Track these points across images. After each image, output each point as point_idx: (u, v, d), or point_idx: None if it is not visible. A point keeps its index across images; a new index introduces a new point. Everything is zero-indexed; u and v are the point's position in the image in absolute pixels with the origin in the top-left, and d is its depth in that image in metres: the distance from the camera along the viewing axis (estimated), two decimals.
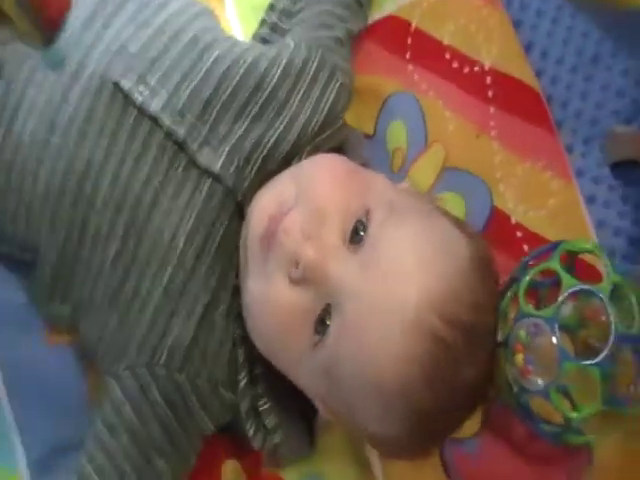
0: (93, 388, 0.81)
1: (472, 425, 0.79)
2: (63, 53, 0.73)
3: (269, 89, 0.75)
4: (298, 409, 0.80)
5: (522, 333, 0.74)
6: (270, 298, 0.71)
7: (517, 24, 0.87)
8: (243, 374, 0.76)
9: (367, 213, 0.71)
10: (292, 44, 0.79)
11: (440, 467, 0.81)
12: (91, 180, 0.73)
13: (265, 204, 0.73)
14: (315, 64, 0.78)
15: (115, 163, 0.72)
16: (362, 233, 0.70)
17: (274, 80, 0.76)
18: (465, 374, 0.70)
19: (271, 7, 0.87)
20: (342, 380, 0.69)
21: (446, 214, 0.77)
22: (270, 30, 0.86)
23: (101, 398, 0.77)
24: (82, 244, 0.74)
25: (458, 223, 0.76)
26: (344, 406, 0.72)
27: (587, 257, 0.79)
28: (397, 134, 0.86)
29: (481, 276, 0.72)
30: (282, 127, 0.75)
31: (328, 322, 0.69)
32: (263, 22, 0.86)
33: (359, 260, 0.69)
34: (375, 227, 0.70)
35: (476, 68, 0.87)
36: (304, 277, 0.69)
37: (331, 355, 0.69)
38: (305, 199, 0.72)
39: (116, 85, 0.73)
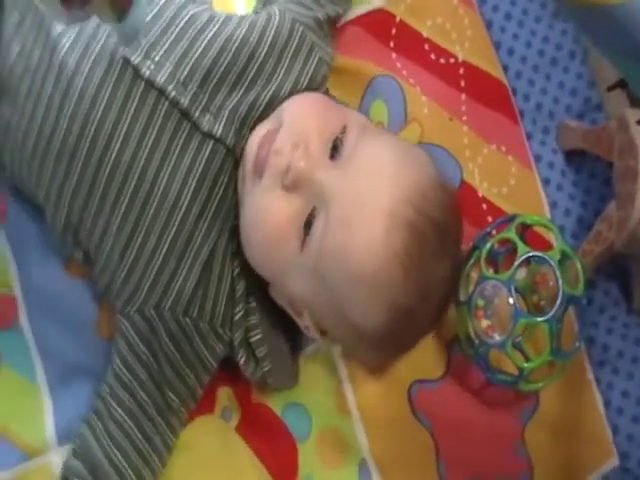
0: (103, 321, 0.84)
1: (436, 370, 0.86)
2: (136, 28, 0.78)
3: (259, 62, 0.80)
4: (286, 343, 0.84)
5: (480, 302, 0.81)
6: (264, 207, 0.75)
7: (488, 24, 0.92)
8: (239, 307, 0.81)
9: (344, 130, 0.77)
10: (277, 14, 0.82)
11: (406, 399, 0.86)
12: (102, 143, 0.76)
13: (255, 138, 0.77)
14: (296, 41, 0.82)
15: (125, 129, 0.76)
16: (340, 149, 0.76)
17: (262, 54, 0.80)
18: (437, 270, 0.76)
19: None
20: (329, 274, 0.74)
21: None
22: (262, 5, 0.88)
23: (112, 332, 0.81)
24: (91, 201, 0.77)
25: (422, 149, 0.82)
26: (331, 303, 0.76)
27: (539, 229, 0.86)
28: (379, 112, 0.90)
29: (445, 188, 0.78)
30: (271, 93, 0.80)
31: (314, 223, 0.74)
32: None
33: (340, 166, 0.75)
34: (352, 140, 0.76)
35: (451, 60, 0.91)
36: (294, 182, 0.74)
37: (318, 251, 0.74)
38: (288, 122, 0.76)
39: (125, 59, 0.76)
